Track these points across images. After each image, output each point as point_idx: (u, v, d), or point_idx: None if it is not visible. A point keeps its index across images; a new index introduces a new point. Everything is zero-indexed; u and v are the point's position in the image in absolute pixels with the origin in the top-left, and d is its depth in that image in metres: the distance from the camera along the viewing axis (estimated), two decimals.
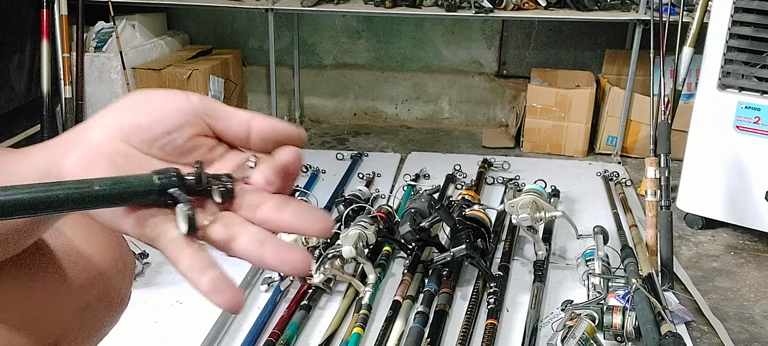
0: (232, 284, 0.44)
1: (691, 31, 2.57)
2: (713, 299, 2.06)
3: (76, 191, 0.42)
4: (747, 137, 2.32)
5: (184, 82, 3.20)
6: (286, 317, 1.81)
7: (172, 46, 3.61)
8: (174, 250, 0.44)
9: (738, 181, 2.37)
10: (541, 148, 3.32)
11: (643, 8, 3.01)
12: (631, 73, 3.09)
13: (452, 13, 3.10)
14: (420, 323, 1.78)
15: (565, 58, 3.66)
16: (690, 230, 2.51)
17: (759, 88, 2.27)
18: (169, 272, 2.09)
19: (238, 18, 3.78)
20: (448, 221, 1.97)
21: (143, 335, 1.78)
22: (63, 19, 3.08)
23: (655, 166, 2.21)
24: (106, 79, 3.16)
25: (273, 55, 3.33)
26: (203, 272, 0.44)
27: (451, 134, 3.70)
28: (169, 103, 0.48)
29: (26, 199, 0.40)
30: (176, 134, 0.47)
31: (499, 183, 2.85)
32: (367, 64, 3.82)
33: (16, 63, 2.95)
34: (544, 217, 2.07)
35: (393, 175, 2.99)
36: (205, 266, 0.44)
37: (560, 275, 2.13)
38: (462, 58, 3.75)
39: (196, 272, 0.44)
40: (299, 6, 3.18)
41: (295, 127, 0.51)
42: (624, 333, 1.71)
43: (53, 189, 0.41)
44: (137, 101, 0.48)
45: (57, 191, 0.41)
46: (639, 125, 3.20)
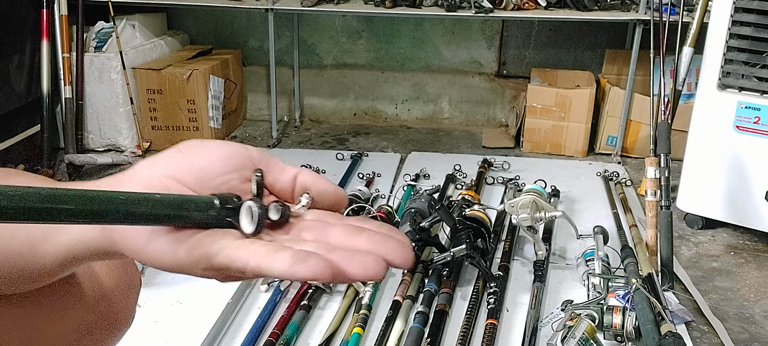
0: (313, 252, 0.40)
1: (691, 31, 2.57)
2: (713, 299, 2.06)
3: (140, 196, 0.40)
4: (747, 137, 2.32)
5: (184, 82, 3.20)
6: (286, 317, 1.81)
7: (172, 46, 3.61)
8: (240, 247, 0.41)
9: (738, 181, 2.37)
10: (541, 148, 3.32)
11: (643, 8, 3.01)
12: (631, 73, 3.09)
13: (452, 13, 3.10)
14: (420, 323, 1.78)
15: (565, 58, 3.66)
16: (690, 230, 2.51)
17: (759, 88, 2.27)
18: None
19: (238, 18, 3.78)
20: (448, 221, 1.97)
21: (143, 335, 1.78)
22: (63, 19, 3.08)
23: (655, 166, 2.21)
24: (106, 79, 3.16)
25: (273, 55, 3.33)
26: (277, 253, 0.40)
27: (451, 134, 3.70)
28: (226, 148, 0.48)
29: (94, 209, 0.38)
30: (232, 175, 0.47)
31: (499, 183, 2.85)
32: (367, 64, 3.82)
33: (16, 63, 2.95)
34: (544, 217, 2.07)
35: (393, 175, 2.99)
36: (278, 248, 0.40)
37: (560, 275, 2.13)
38: (462, 58, 3.75)
39: (271, 256, 0.40)
40: (299, 6, 3.18)
41: (338, 187, 0.50)
42: (624, 333, 1.71)
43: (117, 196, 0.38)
44: (192, 146, 0.48)
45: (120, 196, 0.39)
46: (639, 125, 3.20)
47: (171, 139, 3.32)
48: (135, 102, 3.19)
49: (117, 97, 3.18)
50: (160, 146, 3.32)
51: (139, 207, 0.39)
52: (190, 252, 0.42)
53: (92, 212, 0.37)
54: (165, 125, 3.30)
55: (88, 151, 3.21)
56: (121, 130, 3.23)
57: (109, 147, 3.27)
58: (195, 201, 0.42)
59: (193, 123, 3.28)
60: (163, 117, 3.29)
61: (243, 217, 0.42)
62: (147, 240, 0.43)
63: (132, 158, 3.18)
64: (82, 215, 0.37)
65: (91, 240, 0.46)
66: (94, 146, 3.26)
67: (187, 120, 3.28)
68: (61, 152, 3.18)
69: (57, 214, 0.35)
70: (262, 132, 3.67)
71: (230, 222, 0.42)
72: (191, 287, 2.01)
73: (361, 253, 0.41)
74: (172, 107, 3.26)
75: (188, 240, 0.42)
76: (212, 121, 3.33)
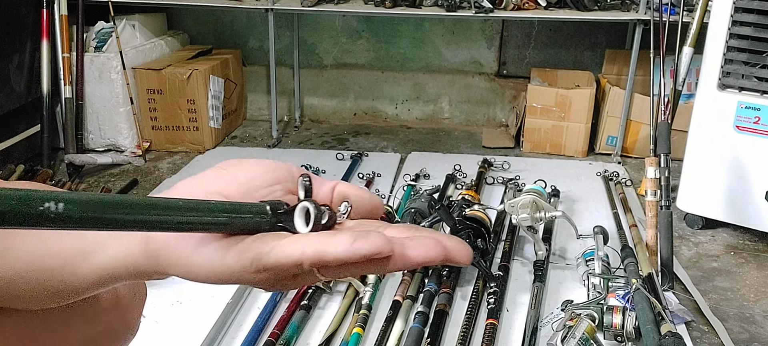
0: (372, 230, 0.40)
1: (691, 31, 2.57)
2: (713, 299, 2.06)
3: (198, 202, 0.39)
4: (747, 137, 2.32)
5: (184, 82, 3.20)
6: (286, 317, 1.81)
7: (172, 46, 3.61)
8: (293, 242, 0.40)
9: (738, 181, 2.37)
10: (541, 148, 3.32)
11: (643, 8, 3.01)
12: (631, 73, 3.09)
13: (452, 13, 3.10)
14: (420, 323, 1.78)
15: (565, 58, 3.66)
16: (690, 230, 2.51)
17: (759, 88, 2.27)
18: None
19: (238, 18, 3.78)
20: (448, 221, 1.97)
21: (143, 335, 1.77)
22: (63, 19, 3.08)
23: (655, 166, 2.20)
24: (106, 79, 3.16)
25: (273, 55, 3.33)
26: (334, 236, 0.39)
27: (451, 134, 3.70)
28: (268, 163, 0.48)
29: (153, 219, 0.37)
30: (276, 188, 0.47)
31: (499, 183, 2.85)
32: (367, 64, 3.82)
33: (16, 63, 2.95)
34: (544, 217, 2.07)
35: (393, 175, 2.99)
36: (334, 233, 0.40)
37: (560, 275, 2.13)
38: (462, 58, 3.75)
39: (329, 239, 0.39)
40: (299, 6, 3.18)
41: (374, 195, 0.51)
42: (624, 333, 1.71)
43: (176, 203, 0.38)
44: (234, 162, 0.48)
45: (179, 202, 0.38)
46: (639, 125, 3.20)
47: (171, 139, 3.32)
48: (135, 102, 3.19)
49: (117, 97, 3.18)
50: (160, 146, 3.32)
51: (196, 213, 0.39)
52: (240, 256, 0.41)
53: (151, 219, 0.37)
54: (165, 125, 3.30)
55: (88, 151, 3.21)
56: (121, 130, 3.23)
57: (109, 147, 3.27)
58: (248, 207, 0.42)
59: (193, 123, 3.28)
60: (163, 117, 3.29)
61: (297, 217, 0.42)
62: (193, 249, 0.42)
63: (132, 158, 3.18)
64: (142, 223, 0.37)
65: (132, 259, 0.45)
66: (94, 146, 3.26)
67: (187, 120, 3.28)
68: (61, 152, 3.18)
69: (116, 221, 0.35)
70: (262, 132, 3.67)
71: (282, 227, 0.42)
72: (191, 287, 2.01)
73: (422, 236, 0.41)
74: (172, 107, 3.26)
75: (236, 245, 0.41)
76: (212, 121, 3.33)
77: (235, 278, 0.42)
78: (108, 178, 3.01)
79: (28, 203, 0.29)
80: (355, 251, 0.39)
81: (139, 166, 3.14)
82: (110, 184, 2.92)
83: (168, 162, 3.21)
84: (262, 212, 0.41)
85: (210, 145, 3.34)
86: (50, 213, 0.30)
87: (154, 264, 0.44)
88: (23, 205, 0.29)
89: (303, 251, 0.39)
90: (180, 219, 0.38)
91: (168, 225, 0.38)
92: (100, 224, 0.34)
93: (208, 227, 0.40)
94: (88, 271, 0.46)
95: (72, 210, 0.32)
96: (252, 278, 0.41)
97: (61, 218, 0.31)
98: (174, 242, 0.43)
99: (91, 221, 0.33)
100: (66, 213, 0.31)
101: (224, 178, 0.46)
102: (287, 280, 0.43)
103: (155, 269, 0.45)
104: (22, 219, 0.29)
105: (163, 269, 0.44)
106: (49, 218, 0.30)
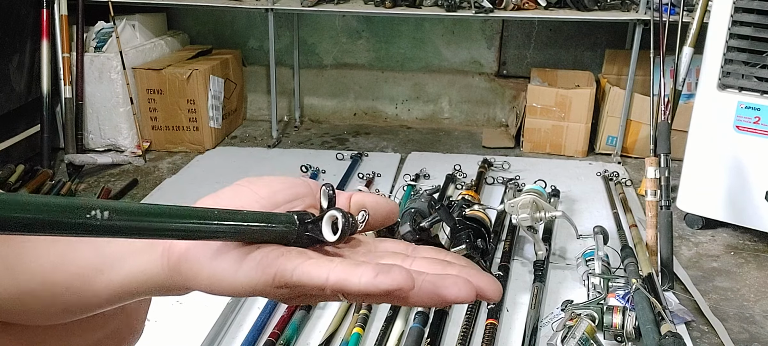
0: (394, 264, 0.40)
1: (691, 31, 2.57)
2: (713, 299, 2.06)
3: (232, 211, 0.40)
4: (747, 137, 2.32)
5: (184, 82, 3.20)
6: (286, 317, 1.81)
7: (172, 46, 3.61)
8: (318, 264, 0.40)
9: (738, 181, 2.37)
10: (541, 148, 3.32)
11: (643, 8, 3.01)
12: (631, 73, 3.09)
13: (452, 13, 3.10)
14: (420, 323, 1.78)
15: (565, 58, 3.66)
16: (690, 230, 2.51)
17: (759, 88, 2.27)
18: None
19: (238, 18, 3.78)
20: (448, 221, 1.97)
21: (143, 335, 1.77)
22: (63, 19, 3.08)
23: (655, 166, 2.20)
24: (106, 79, 3.16)
25: (273, 55, 3.33)
26: (358, 266, 0.40)
27: (451, 134, 3.70)
28: (286, 179, 0.49)
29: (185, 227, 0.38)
30: (296, 203, 0.47)
31: (499, 183, 2.85)
32: (367, 64, 3.82)
33: (16, 63, 2.95)
34: (544, 217, 2.07)
35: (393, 175, 2.99)
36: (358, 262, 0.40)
37: (560, 275, 2.13)
38: (462, 58, 3.75)
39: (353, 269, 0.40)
40: (299, 6, 3.18)
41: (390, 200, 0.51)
42: (624, 333, 1.71)
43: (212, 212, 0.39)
44: (253, 179, 0.49)
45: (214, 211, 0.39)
46: (639, 125, 3.20)
47: (171, 139, 3.32)
48: (135, 102, 3.19)
49: (117, 97, 3.18)
50: (160, 146, 3.32)
51: (232, 221, 0.40)
52: (264, 270, 0.41)
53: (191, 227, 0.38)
54: (165, 125, 3.30)
55: (88, 151, 3.21)
56: (121, 130, 3.23)
57: (109, 147, 3.27)
58: (279, 216, 0.42)
59: (193, 123, 3.28)
60: (163, 117, 3.29)
61: (325, 226, 0.43)
62: (212, 259, 0.43)
63: (132, 158, 3.18)
64: (181, 231, 0.37)
65: (153, 274, 0.45)
66: (94, 146, 3.26)
67: (187, 120, 3.28)
68: (61, 152, 3.18)
69: (158, 229, 0.36)
70: (262, 132, 3.67)
71: (309, 236, 0.43)
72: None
73: (452, 276, 0.41)
74: (172, 107, 3.26)
75: (256, 257, 0.42)
76: (212, 121, 3.33)
77: (256, 291, 0.42)
78: (108, 178, 3.01)
79: (74, 211, 0.31)
80: (376, 285, 0.39)
81: (139, 166, 3.14)
82: (110, 184, 2.92)
83: (168, 162, 3.21)
84: (291, 222, 0.42)
85: (210, 145, 3.34)
86: (95, 221, 0.31)
87: (175, 278, 0.44)
88: (69, 213, 0.30)
89: (328, 277, 0.40)
90: (217, 227, 0.39)
91: (206, 233, 0.39)
92: (142, 232, 0.35)
93: (242, 235, 0.41)
94: (104, 286, 0.46)
95: (116, 218, 0.32)
96: (273, 291, 0.42)
97: (105, 227, 0.32)
98: (194, 254, 0.43)
99: (134, 229, 0.34)
100: (110, 222, 0.32)
101: (244, 194, 0.46)
102: (307, 297, 0.44)
103: (176, 283, 0.45)
104: (68, 227, 0.31)
105: (183, 282, 0.44)
106: (93, 227, 0.31)
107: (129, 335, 0.63)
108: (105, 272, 0.45)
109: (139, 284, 0.45)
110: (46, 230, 0.30)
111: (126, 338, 0.63)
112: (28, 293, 0.46)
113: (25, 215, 0.29)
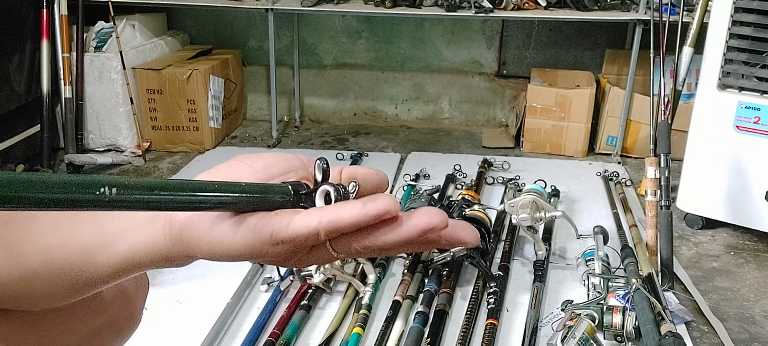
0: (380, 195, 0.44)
1: (691, 31, 2.56)
2: (713, 299, 2.06)
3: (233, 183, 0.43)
4: (747, 137, 2.32)
5: (184, 82, 3.20)
6: (286, 317, 1.81)
7: (172, 46, 3.61)
8: (308, 214, 0.43)
9: (738, 181, 2.37)
10: (541, 148, 3.32)
11: (643, 8, 3.01)
12: (631, 73, 3.09)
13: (452, 13, 3.10)
14: (420, 323, 1.78)
15: (565, 58, 3.66)
16: (690, 230, 2.51)
17: (759, 88, 2.27)
18: (169, 272, 2.08)
19: (238, 18, 3.78)
20: None
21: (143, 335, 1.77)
22: (63, 19, 3.08)
23: (655, 166, 2.21)
24: (106, 79, 3.16)
25: (273, 55, 3.33)
26: (346, 204, 0.43)
27: (451, 134, 3.70)
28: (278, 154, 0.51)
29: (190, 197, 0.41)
30: (290, 176, 0.50)
31: (499, 183, 2.85)
32: (367, 64, 3.82)
33: (16, 63, 2.95)
34: (544, 217, 2.07)
35: (393, 175, 2.99)
36: (345, 202, 0.43)
37: (560, 275, 2.13)
38: (462, 58, 3.75)
39: (342, 208, 0.43)
40: (299, 6, 3.18)
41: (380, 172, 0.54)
42: (624, 333, 1.71)
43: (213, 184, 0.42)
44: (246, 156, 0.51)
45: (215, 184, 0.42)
46: (639, 125, 3.20)
47: (171, 139, 3.32)
48: (135, 102, 3.19)
49: (117, 97, 3.18)
50: (159, 146, 3.32)
51: (233, 192, 0.43)
52: (259, 231, 0.44)
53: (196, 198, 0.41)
54: (165, 125, 3.30)
55: (88, 151, 3.21)
56: (121, 130, 3.23)
57: (109, 147, 3.27)
58: (276, 187, 0.45)
59: (193, 123, 3.28)
60: (163, 117, 3.29)
61: (318, 199, 0.46)
62: (210, 226, 0.45)
63: (132, 158, 3.18)
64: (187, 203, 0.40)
65: (156, 245, 0.47)
66: (94, 146, 3.26)
67: (187, 120, 3.28)
68: (61, 152, 3.18)
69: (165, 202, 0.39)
70: (262, 132, 3.67)
71: (303, 208, 0.45)
72: (191, 287, 2.01)
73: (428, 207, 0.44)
74: (172, 107, 3.26)
75: (252, 221, 0.44)
76: (212, 121, 3.33)
77: (254, 252, 0.44)
78: None
79: (86, 188, 0.33)
80: (366, 212, 0.42)
81: (139, 166, 3.14)
82: None
83: (168, 162, 3.21)
84: (286, 192, 0.45)
85: (210, 145, 3.34)
86: (105, 197, 0.34)
87: (177, 247, 0.46)
88: (82, 190, 0.33)
89: (319, 220, 0.42)
90: (220, 198, 0.42)
91: (209, 204, 0.42)
92: (150, 205, 0.38)
93: (242, 204, 0.43)
94: (107, 261, 0.47)
95: (125, 194, 0.35)
96: (270, 250, 0.44)
97: (115, 201, 0.35)
98: (195, 221, 0.45)
99: (142, 203, 0.37)
100: (119, 197, 0.35)
101: (241, 169, 0.48)
102: (303, 253, 0.46)
103: (178, 252, 0.47)
104: (81, 203, 0.33)
105: (185, 251, 0.46)
106: (104, 202, 0.34)
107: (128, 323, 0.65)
108: (108, 247, 0.47)
109: (141, 256, 0.47)
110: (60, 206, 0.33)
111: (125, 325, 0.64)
112: (33, 273, 0.47)
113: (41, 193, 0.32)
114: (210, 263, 0.48)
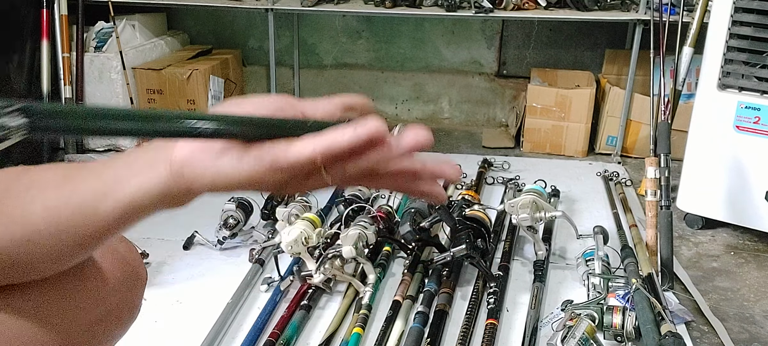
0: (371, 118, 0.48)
1: (691, 31, 2.57)
2: (713, 299, 2.06)
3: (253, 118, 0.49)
4: (747, 137, 2.32)
5: (184, 82, 3.20)
6: (286, 317, 1.81)
7: (172, 46, 3.61)
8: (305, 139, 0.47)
9: (738, 181, 2.37)
10: (541, 148, 3.32)
11: (643, 8, 3.01)
12: (631, 73, 3.09)
13: (452, 13, 3.10)
14: (420, 323, 1.78)
15: (565, 58, 3.66)
16: (690, 230, 2.51)
17: (759, 88, 2.27)
18: (169, 272, 2.09)
19: (238, 18, 3.78)
20: (448, 221, 1.97)
21: (143, 335, 1.77)
22: (63, 19, 3.08)
23: (655, 166, 2.21)
24: (106, 79, 3.16)
25: (273, 55, 3.33)
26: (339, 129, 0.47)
27: (451, 134, 3.70)
28: (268, 96, 0.55)
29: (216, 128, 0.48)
30: (279, 114, 0.54)
31: (499, 183, 2.85)
32: (367, 64, 3.82)
33: (16, 63, 2.95)
34: (544, 217, 2.07)
35: None
36: (337, 127, 0.47)
37: (560, 275, 2.13)
38: (462, 58, 3.75)
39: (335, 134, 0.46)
40: (299, 6, 3.18)
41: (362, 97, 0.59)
42: (624, 333, 1.71)
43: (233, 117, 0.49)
44: (238, 100, 0.55)
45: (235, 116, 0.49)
46: (639, 125, 3.20)
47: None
48: (135, 102, 3.19)
49: (117, 97, 3.18)
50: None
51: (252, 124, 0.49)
52: (262, 159, 0.48)
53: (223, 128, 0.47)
54: None
55: (88, 152, 3.21)
56: None
57: (109, 147, 3.27)
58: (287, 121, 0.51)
59: None
60: None
61: None
62: (214, 159, 0.48)
63: None
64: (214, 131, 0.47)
65: (159, 184, 0.50)
66: (93, 146, 3.26)
67: None
68: (60, 152, 3.18)
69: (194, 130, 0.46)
70: None
71: None
72: (191, 287, 2.01)
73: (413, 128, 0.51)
74: (172, 107, 3.26)
75: (253, 151, 0.48)
76: None
77: (255, 180, 0.48)
78: None
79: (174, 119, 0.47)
80: (358, 135, 0.47)
81: None
82: None
83: None
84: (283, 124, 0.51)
85: None
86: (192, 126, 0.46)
87: (179, 183, 0.49)
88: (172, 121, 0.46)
89: (315, 145, 0.47)
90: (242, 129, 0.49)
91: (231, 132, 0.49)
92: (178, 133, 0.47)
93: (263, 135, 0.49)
94: (111, 208, 0.49)
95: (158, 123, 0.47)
96: (271, 176, 0.48)
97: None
98: (198, 156, 0.49)
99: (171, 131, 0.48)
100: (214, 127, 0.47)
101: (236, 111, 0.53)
102: (301, 180, 0.50)
103: (180, 188, 0.50)
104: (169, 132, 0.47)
105: (186, 186, 0.49)
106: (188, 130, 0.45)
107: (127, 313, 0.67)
108: (110, 195, 0.49)
109: (143, 199, 0.50)
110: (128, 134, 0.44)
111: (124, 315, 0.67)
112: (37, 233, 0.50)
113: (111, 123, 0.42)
114: (210, 264, 0.49)
